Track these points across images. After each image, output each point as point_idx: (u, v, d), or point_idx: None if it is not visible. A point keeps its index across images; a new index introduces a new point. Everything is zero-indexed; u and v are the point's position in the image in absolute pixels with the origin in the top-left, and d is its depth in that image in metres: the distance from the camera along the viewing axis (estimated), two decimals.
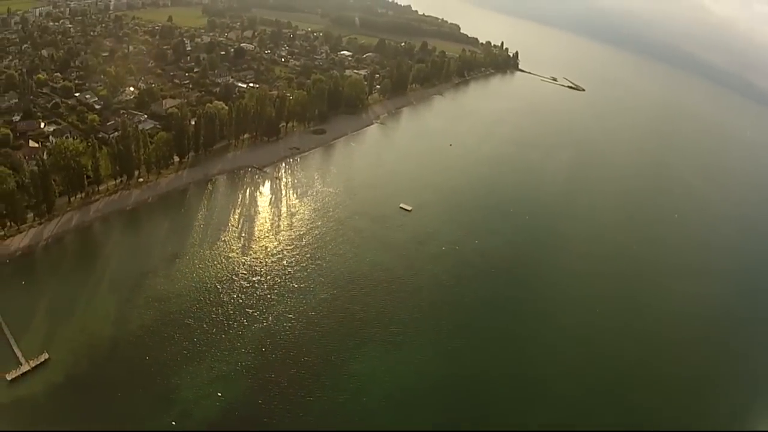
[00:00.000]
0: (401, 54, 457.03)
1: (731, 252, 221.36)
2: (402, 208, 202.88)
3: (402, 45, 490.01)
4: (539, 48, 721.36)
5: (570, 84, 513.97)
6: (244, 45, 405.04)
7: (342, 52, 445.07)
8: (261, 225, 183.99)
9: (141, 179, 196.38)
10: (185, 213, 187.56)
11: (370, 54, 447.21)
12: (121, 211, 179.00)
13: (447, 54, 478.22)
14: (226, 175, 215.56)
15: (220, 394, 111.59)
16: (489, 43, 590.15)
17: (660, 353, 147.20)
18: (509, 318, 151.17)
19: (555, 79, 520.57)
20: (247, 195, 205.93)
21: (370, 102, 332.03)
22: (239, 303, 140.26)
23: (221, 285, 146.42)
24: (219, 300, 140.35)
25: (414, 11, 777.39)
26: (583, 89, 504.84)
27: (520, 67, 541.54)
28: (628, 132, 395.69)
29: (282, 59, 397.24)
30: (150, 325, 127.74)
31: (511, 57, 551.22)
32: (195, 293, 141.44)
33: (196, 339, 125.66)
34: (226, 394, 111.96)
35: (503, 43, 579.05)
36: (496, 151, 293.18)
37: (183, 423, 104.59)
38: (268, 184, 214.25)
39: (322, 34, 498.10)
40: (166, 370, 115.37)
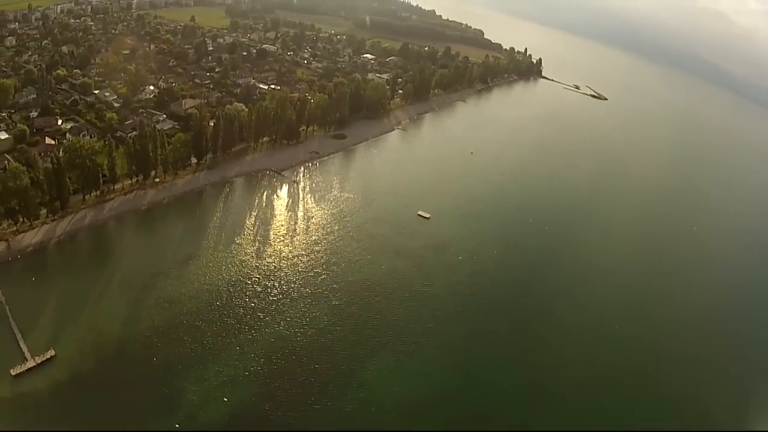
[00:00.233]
0: (424, 58, 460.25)
1: (750, 267, 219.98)
2: (420, 215, 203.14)
3: (425, 49, 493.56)
4: (563, 55, 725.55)
5: (593, 92, 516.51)
6: (266, 46, 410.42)
7: (365, 55, 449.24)
8: (276, 229, 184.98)
9: (157, 179, 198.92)
10: (200, 215, 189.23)
11: (393, 58, 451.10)
12: (136, 211, 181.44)
13: (470, 59, 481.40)
14: (243, 178, 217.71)
15: (226, 399, 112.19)
16: (512, 50, 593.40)
17: (678, 372, 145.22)
18: (524, 331, 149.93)
19: (578, 87, 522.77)
20: (264, 198, 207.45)
21: (391, 107, 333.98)
22: (251, 307, 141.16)
23: (233, 288, 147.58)
24: (231, 303, 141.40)
25: (438, 16, 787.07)
26: (606, 98, 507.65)
27: (543, 74, 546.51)
28: (649, 142, 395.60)
29: (304, 61, 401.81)
30: (159, 327, 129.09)
31: (535, 64, 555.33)
32: (207, 296, 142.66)
33: (205, 342, 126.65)
34: (232, 399, 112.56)
35: (527, 50, 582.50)
36: (517, 159, 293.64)
37: (187, 426, 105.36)
38: (285, 187, 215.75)
39: (345, 36, 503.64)
40: (173, 372, 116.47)
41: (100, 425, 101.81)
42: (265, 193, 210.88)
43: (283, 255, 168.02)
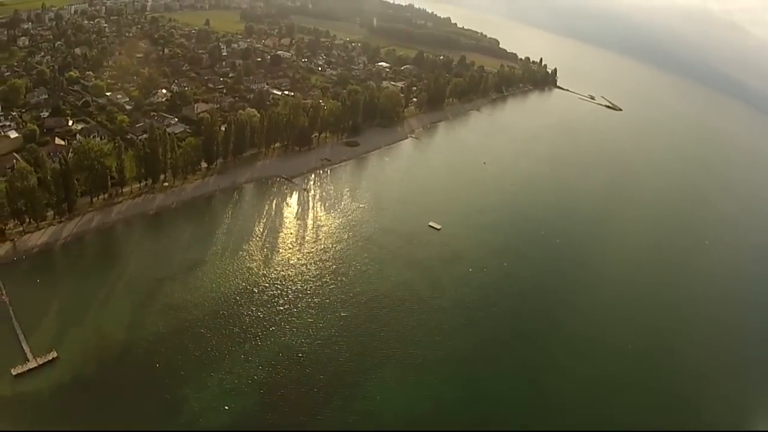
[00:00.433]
0: (439, 67, 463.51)
1: (763, 283, 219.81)
2: (431, 226, 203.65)
3: (440, 58, 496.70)
4: (578, 65, 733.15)
5: (607, 103, 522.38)
6: (280, 52, 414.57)
7: (380, 63, 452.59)
8: (285, 237, 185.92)
9: (166, 183, 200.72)
10: (209, 220, 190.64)
11: (408, 66, 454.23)
12: (144, 215, 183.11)
13: (485, 69, 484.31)
14: (253, 184, 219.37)
15: (227, 407, 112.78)
16: (528, 59, 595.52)
17: (688, 388, 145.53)
18: (532, 345, 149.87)
19: (593, 98, 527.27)
20: (274, 205, 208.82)
21: (405, 115, 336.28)
22: (257, 316, 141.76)
23: (240, 296, 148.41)
24: (236, 312, 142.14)
25: (453, 24, 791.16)
26: (621, 109, 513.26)
27: (558, 84, 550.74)
28: (663, 153, 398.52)
29: (319, 68, 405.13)
30: (164, 332, 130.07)
31: (550, 74, 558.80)
32: (212, 303, 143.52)
33: (209, 350, 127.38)
34: (233, 407, 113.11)
35: (542, 60, 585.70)
36: (530, 170, 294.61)
37: None
38: (296, 195, 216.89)
39: (360, 44, 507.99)
40: (175, 378, 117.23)
41: (99, 428, 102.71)
42: (275, 200, 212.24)
43: (292, 264, 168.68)
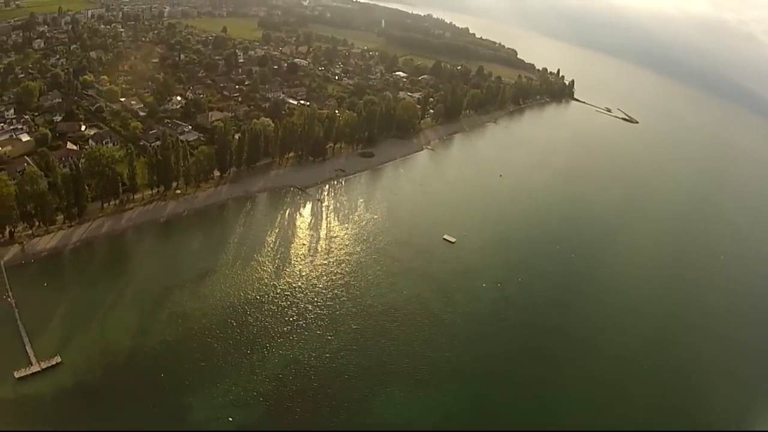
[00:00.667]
0: (457, 78, 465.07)
1: None
2: (445, 239, 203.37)
3: (458, 68, 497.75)
4: (595, 76, 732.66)
5: (624, 116, 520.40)
6: (297, 60, 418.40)
7: (397, 72, 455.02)
8: (297, 248, 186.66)
9: (178, 191, 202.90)
10: (220, 229, 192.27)
11: (425, 76, 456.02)
12: (155, 222, 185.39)
13: (503, 80, 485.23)
14: (267, 194, 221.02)
15: (231, 418, 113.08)
16: (545, 70, 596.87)
17: (706, 418, 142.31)
18: (545, 364, 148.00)
19: (609, 110, 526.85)
20: (287, 215, 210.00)
21: (422, 126, 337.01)
22: (265, 327, 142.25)
23: (249, 307, 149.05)
24: (245, 322, 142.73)
25: (471, 34, 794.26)
26: (637, 121, 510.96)
27: (575, 96, 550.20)
28: (679, 167, 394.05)
29: (335, 77, 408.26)
30: (170, 341, 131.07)
31: (567, 85, 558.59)
32: (221, 313, 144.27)
33: (216, 360, 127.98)
34: (237, 419, 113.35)
35: (559, 71, 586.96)
36: (546, 183, 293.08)
37: None
38: (309, 205, 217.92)
39: (377, 53, 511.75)
40: (180, 388, 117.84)
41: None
42: (288, 210, 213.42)
43: (303, 275, 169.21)
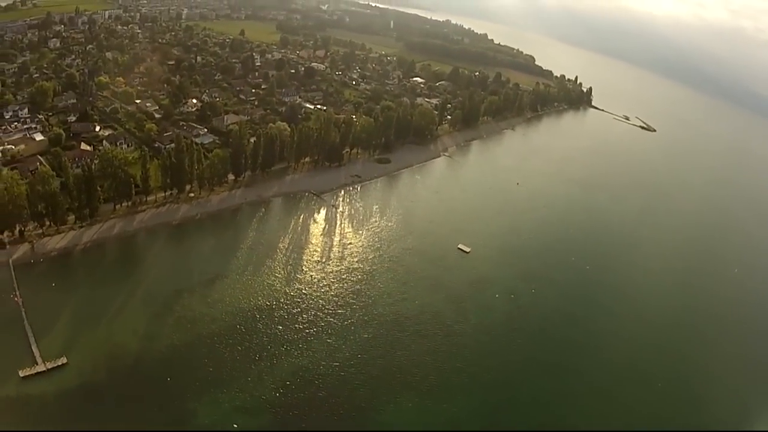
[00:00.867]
0: (474, 84, 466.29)
1: None
2: (460, 248, 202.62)
3: (476, 75, 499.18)
4: (613, 84, 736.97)
5: (642, 124, 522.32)
6: (314, 65, 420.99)
7: (414, 78, 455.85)
8: (310, 254, 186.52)
9: (192, 194, 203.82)
10: (233, 234, 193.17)
11: (443, 82, 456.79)
12: (167, 225, 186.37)
13: (521, 86, 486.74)
14: (281, 199, 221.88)
15: (236, 425, 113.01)
16: (563, 77, 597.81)
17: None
18: (557, 378, 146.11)
19: (627, 118, 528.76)
20: (301, 221, 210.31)
21: (439, 133, 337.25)
22: (275, 334, 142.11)
23: (259, 313, 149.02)
24: (254, 328, 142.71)
25: (490, 40, 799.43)
26: (655, 130, 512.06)
27: (593, 104, 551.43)
28: (696, 176, 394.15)
29: (353, 82, 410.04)
30: (178, 345, 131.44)
31: (585, 92, 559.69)
32: (230, 318, 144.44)
33: (223, 366, 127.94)
34: (242, 426, 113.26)
35: (577, 78, 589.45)
36: (563, 192, 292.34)
37: None
38: (323, 211, 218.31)
39: (395, 58, 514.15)
40: (186, 393, 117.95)
41: None
42: (302, 216, 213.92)
43: (314, 282, 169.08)
